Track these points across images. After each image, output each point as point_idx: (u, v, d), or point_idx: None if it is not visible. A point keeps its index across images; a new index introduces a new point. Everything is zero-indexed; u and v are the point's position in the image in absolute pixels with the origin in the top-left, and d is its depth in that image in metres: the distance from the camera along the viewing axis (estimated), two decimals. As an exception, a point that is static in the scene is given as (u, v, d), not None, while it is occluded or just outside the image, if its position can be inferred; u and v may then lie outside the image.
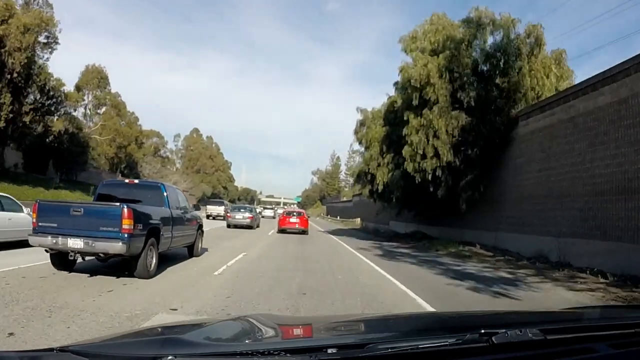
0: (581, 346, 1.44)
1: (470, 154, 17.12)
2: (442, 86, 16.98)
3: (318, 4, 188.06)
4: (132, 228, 6.83)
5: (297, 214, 24.88)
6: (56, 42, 28.68)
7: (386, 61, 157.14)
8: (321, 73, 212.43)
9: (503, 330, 1.38)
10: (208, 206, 37.06)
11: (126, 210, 6.80)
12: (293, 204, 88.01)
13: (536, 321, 1.82)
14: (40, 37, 27.12)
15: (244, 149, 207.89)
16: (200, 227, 11.06)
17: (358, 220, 46.21)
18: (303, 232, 23.31)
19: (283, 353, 1.23)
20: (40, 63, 28.42)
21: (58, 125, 32.04)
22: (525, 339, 1.36)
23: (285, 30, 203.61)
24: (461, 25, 18.25)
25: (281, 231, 23.08)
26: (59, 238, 6.77)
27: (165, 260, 8.94)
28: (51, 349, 1.25)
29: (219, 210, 34.80)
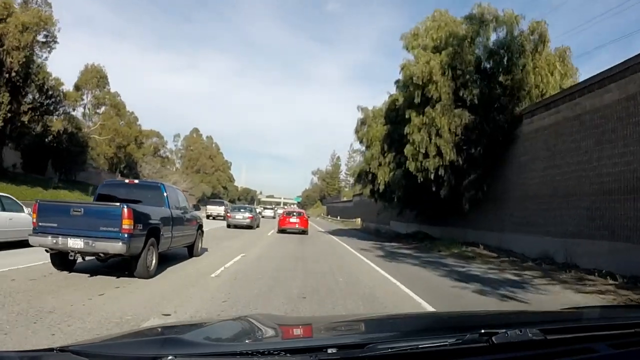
0: (581, 346, 1.44)
1: (473, 153, 16.89)
2: (445, 84, 16.77)
3: (318, 4, 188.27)
4: (132, 228, 6.86)
5: (297, 214, 24.92)
6: (55, 41, 28.54)
7: (386, 61, 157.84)
8: (321, 73, 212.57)
9: (503, 330, 1.38)
10: (208, 206, 37.05)
11: (126, 210, 6.83)
12: (293, 204, 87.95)
13: (536, 321, 1.83)
14: (38, 36, 26.94)
15: (244, 149, 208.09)
16: (200, 227, 11.07)
17: (358, 220, 46.08)
18: (303, 232, 23.31)
19: (283, 353, 1.23)
20: (38, 62, 28.24)
21: (57, 124, 31.78)
22: (525, 339, 1.36)
23: (285, 30, 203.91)
24: (464, 21, 18.04)
25: (281, 231, 23.06)
26: (59, 238, 6.81)
27: (165, 260, 8.86)
28: (51, 349, 1.26)
29: (219, 210, 34.85)
